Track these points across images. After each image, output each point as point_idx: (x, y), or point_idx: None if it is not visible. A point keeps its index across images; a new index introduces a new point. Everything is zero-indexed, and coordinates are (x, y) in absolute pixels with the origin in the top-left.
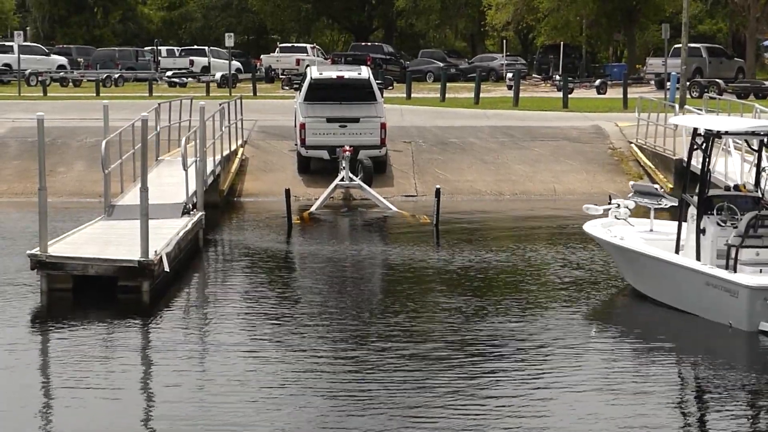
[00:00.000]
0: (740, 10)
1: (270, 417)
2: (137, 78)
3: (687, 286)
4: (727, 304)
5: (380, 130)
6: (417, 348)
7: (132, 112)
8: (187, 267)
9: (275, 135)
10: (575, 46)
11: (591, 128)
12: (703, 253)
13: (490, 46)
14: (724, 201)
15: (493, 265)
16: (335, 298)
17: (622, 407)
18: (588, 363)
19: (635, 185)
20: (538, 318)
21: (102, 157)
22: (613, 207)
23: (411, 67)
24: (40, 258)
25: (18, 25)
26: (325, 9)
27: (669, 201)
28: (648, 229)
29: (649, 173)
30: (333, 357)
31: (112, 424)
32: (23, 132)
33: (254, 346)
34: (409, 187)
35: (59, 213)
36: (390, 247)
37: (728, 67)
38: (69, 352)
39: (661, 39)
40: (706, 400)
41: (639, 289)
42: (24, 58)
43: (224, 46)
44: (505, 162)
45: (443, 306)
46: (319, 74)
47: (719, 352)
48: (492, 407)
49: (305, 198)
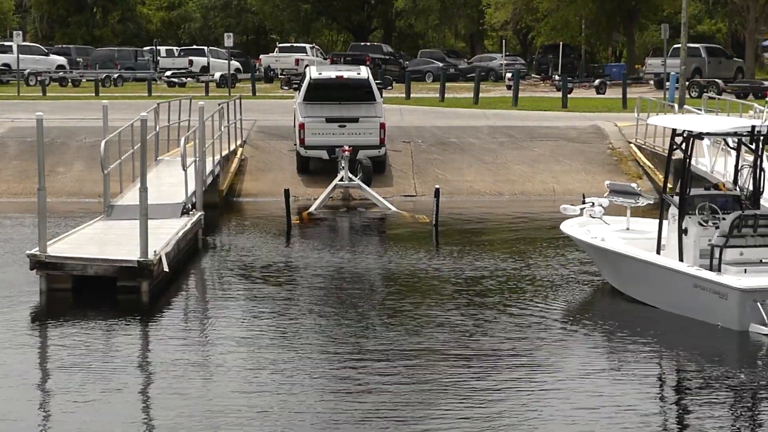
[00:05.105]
0: (739, 10)
1: (270, 417)
2: (136, 78)
3: (673, 288)
4: (716, 306)
5: (379, 130)
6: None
7: (131, 112)
8: (186, 267)
9: (274, 135)
10: (574, 46)
11: (590, 128)
12: (685, 253)
13: (489, 46)
14: (705, 201)
15: (493, 266)
16: (335, 298)
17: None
18: (585, 363)
19: (611, 184)
20: (536, 320)
21: (101, 157)
22: (587, 206)
23: (410, 67)
24: (39, 258)
25: (17, 25)
26: (325, 9)
27: (645, 200)
28: (624, 228)
29: (649, 173)
30: (333, 356)
31: (112, 424)
32: (22, 132)
33: (253, 346)
34: (408, 187)
35: (58, 213)
36: (389, 247)
37: (727, 67)
38: (68, 352)
39: (660, 39)
40: (706, 399)
41: (620, 289)
42: (23, 58)
43: (223, 46)
44: (504, 162)
45: (442, 309)
46: (318, 74)
47: (721, 352)
48: (492, 412)
49: (304, 198)
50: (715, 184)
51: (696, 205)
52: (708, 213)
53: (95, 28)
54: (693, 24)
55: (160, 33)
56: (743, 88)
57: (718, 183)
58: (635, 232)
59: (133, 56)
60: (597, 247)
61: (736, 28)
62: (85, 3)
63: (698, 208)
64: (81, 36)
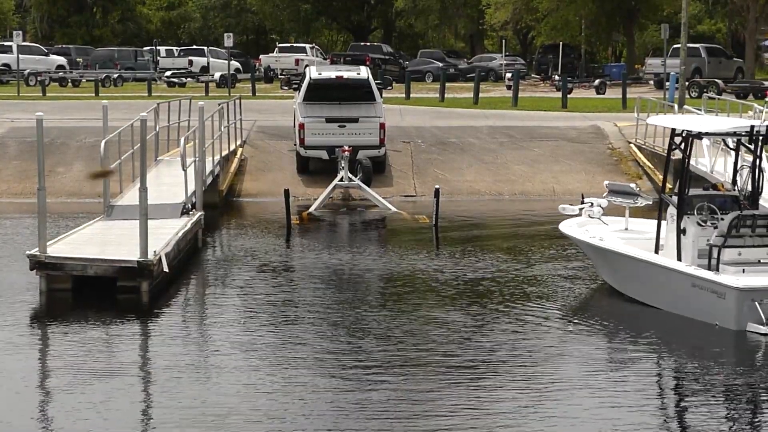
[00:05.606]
0: (739, 10)
1: (270, 418)
2: (136, 78)
3: (672, 288)
4: (714, 306)
5: (379, 130)
6: (415, 359)
7: (131, 112)
8: (186, 267)
9: (274, 135)
10: (574, 46)
11: (590, 128)
12: (684, 252)
13: (489, 46)
14: (703, 201)
15: (493, 267)
16: (334, 298)
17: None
18: (583, 363)
19: (610, 184)
20: (536, 320)
21: (101, 158)
22: (586, 206)
23: (410, 67)
24: (39, 258)
25: (17, 25)
26: (325, 9)
27: (644, 200)
28: (623, 228)
29: (648, 173)
30: (333, 357)
31: (111, 424)
32: (22, 132)
33: (253, 346)
34: (408, 188)
35: (58, 213)
36: (388, 248)
37: (727, 67)
38: (68, 353)
39: (660, 39)
40: (703, 399)
41: (618, 289)
42: (23, 58)
43: (223, 46)
44: (504, 162)
45: (442, 309)
46: (318, 74)
47: (719, 351)
48: (492, 413)
49: (304, 198)
50: (713, 184)
51: (694, 205)
52: (706, 213)
53: (95, 28)
54: (693, 24)
55: (159, 33)
56: (743, 88)
57: (717, 183)
58: (634, 232)
59: (133, 56)
60: (596, 247)
61: (736, 28)
62: (85, 3)
63: (697, 208)
64: (81, 36)
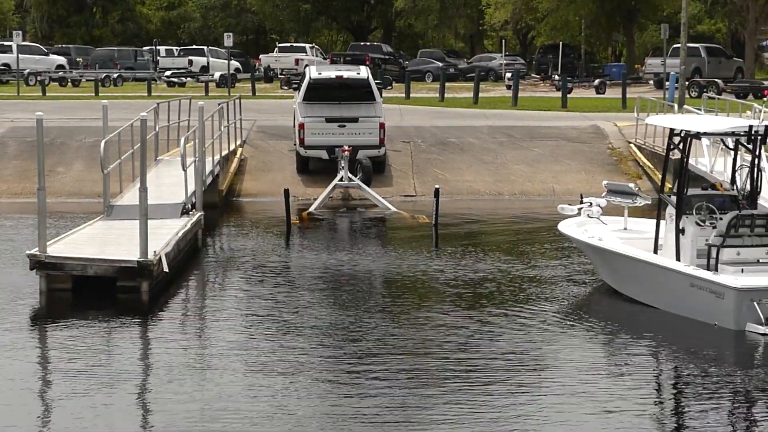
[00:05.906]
0: (739, 10)
1: (269, 418)
2: (136, 78)
3: (670, 287)
4: (713, 305)
5: (379, 130)
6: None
7: (131, 112)
8: (186, 267)
9: (274, 135)
10: (574, 46)
11: (590, 128)
12: (682, 252)
13: (489, 46)
14: (702, 201)
15: (493, 267)
16: (334, 299)
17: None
18: (582, 363)
19: (609, 184)
20: (535, 320)
21: (101, 157)
22: (585, 206)
23: (410, 67)
24: (39, 258)
25: (17, 25)
26: (324, 9)
27: (643, 199)
28: (622, 228)
29: (648, 173)
30: (333, 357)
31: (111, 424)
32: (22, 132)
33: (253, 347)
34: (408, 187)
35: (58, 213)
36: (388, 248)
37: (727, 67)
38: (68, 353)
39: (660, 39)
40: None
41: (617, 289)
42: (23, 57)
43: (223, 46)
44: (504, 162)
45: (442, 309)
46: (318, 74)
47: (718, 351)
48: (492, 413)
49: (304, 198)
50: (712, 184)
51: (693, 204)
52: (705, 213)
53: (95, 28)
54: (693, 24)
55: (159, 33)
56: (743, 88)
57: (716, 183)
58: (633, 232)
59: (133, 56)
60: (594, 247)
61: (736, 28)
62: (85, 3)
63: (695, 208)
64: (81, 36)
